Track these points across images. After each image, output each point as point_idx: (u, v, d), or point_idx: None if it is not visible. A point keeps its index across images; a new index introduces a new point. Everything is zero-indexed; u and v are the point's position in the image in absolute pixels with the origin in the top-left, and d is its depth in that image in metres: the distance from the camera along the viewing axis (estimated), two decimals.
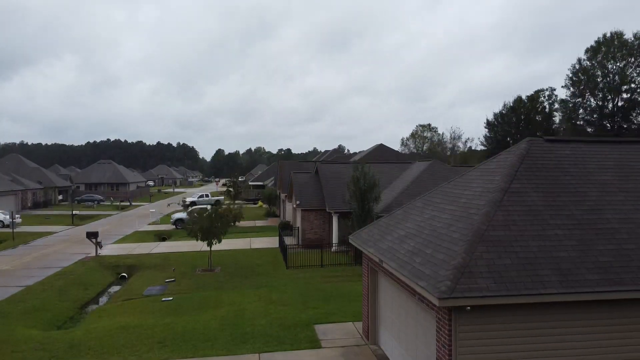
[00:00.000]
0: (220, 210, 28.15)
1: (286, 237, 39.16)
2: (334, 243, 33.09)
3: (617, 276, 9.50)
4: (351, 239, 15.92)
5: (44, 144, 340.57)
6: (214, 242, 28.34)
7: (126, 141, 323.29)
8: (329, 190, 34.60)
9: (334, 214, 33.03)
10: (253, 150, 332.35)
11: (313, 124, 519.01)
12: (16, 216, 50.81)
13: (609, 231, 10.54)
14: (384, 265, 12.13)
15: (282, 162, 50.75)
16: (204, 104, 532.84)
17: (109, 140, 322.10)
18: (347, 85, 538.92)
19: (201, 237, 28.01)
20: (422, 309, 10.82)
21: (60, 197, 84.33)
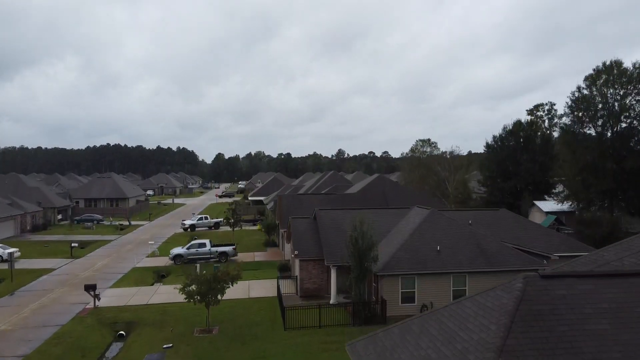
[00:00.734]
0: (219, 274, 28.09)
1: (284, 279, 39.51)
2: (332, 296, 33.13)
3: None
4: None
5: (44, 147, 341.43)
6: (212, 303, 28.31)
7: (126, 145, 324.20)
8: (328, 240, 34.56)
9: (332, 266, 33.01)
10: (253, 155, 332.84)
11: (314, 124, 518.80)
12: (15, 251, 50.88)
13: None
14: None
15: (281, 196, 50.74)
16: (205, 105, 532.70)
17: (108, 144, 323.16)
18: (348, 85, 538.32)
19: (199, 299, 27.96)
20: None
21: (59, 217, 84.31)
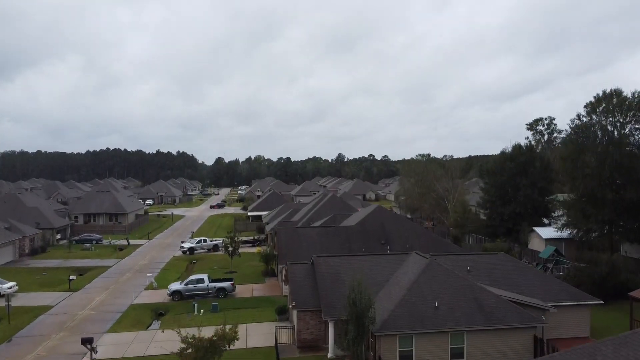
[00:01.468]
0: (215, 338, 27.85)
1: (282, 321, 39.59)
2: (330, 349, 32.99)
3: None
4: None
5: (44, 151, 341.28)
6: None
7: (126, 150, 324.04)
8: (325, 291, 34.33)
9: (330, 320, 32.81)
10: (253, 159, 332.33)
11: (315, 124, 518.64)
12: (12, 285, 50.76)
13: None
14: None
15: (279, 231, 50.51)
16: (207, 106, 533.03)
17: (108, 149, 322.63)
18: (350, 86, 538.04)
19: None
20: None
21: (58, 236, 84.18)
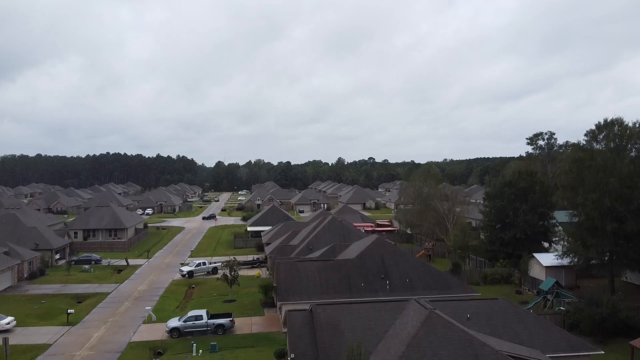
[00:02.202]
0: None
1: None
2: None
3: None
4: None
5: (44, 154, 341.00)
6: None
7: (126, 154, 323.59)
8: (324, 343, 34.01)
9: None
10: (253, 163, 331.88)
11: (316, 125, 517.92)
12: (10, 320, 50.57)
13: None
14: None
15: (279, 264, 50.24)
16: (208, 106, 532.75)
17: (108, 153, 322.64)
18: (352, 86, 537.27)
19: None
20: None
21: (57, 256, 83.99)
